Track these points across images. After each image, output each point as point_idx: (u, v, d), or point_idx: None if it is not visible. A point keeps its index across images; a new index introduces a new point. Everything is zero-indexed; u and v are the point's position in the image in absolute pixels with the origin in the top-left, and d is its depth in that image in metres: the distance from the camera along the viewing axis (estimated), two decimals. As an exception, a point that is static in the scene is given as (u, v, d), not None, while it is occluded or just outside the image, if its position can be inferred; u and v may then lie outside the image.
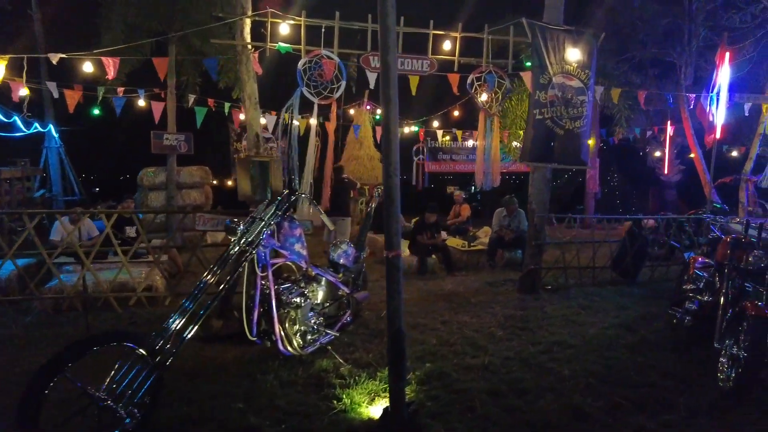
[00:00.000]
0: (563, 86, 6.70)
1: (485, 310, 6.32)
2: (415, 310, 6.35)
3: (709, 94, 8.18)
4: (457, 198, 11.44)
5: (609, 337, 5.36)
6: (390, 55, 3.14)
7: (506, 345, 5.10)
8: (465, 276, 8.64)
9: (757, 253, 4.71)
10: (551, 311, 6.29)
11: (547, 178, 7.11)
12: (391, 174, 3.20)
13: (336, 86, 6.24)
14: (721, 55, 8.03)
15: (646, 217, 8.74)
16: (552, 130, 6.71)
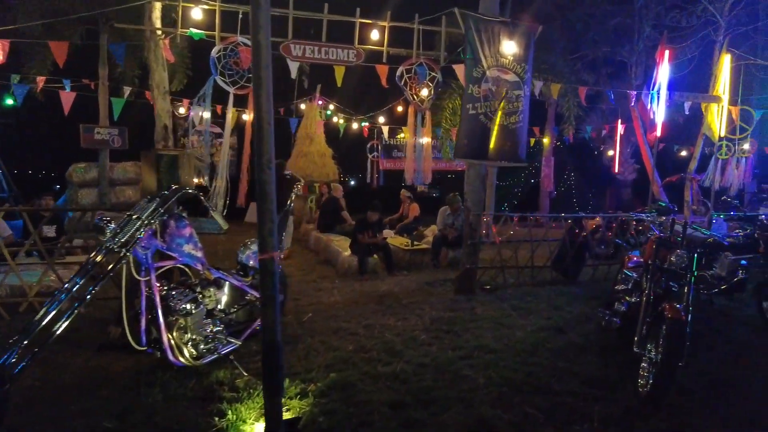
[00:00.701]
0: (498, 80, 6.47)
1: (414, 312, 6.04)
2: (341, 313, 6.04)
3: (650, 91, 8.11)
4: (403, 197, 11.17)
5: (535, 340, 5.13)
6: (261, 33, 2.81)
7: (425, 350, 4.82)
8: (406, 276, 8.37)
9: (679, 252, 4.55)
10: (482, 313, 6.05)
11: (482, 175, 6.89)
12: (264, 167, 2.87)
13: (254, 75, 5.85)
14: (661, 53, 7.96)
15: (587, 215, 8.62)
16: (486, 125, 6.48)
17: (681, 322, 3.94)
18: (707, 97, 8.67)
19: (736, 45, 10.45)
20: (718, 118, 8.62)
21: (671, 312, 4.00)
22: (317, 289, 7.34)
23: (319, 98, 13.92)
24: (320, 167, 13.19)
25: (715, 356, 4.93)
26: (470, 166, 6.85)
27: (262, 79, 2.80)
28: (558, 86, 8.84)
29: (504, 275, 7.55)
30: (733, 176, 10.19)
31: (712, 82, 8.71)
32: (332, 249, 9.33)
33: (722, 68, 8.70)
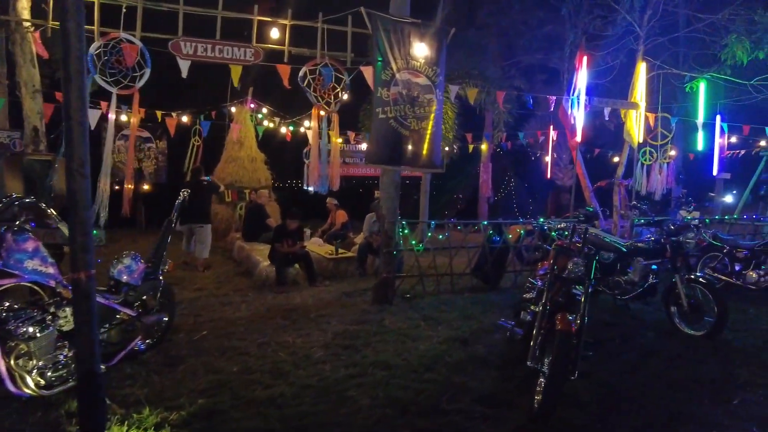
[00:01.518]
0: (409, 83, 6.27)
1: (319, 327, 5.73)
2: (240, 330, 5.66)
3: (569, 97, 8.12)
4: (330, 205, 10.84)
5: (437, 353, 4.91)
6: (71, 22, 2.44)
7: (316, 370, 4.51)
8: (326, 286, 8.05)
9: (576, 260, 4.42)
10: (390, 325, 5.80)
11: (396, 182, 6.65)
12: (76, 173, 2.48)
13: (139, 74, 5.43)
14: (580, 59, 7.99)
15: (507, 222, 8.55)
16: (397, 130, 6.26)
17: (569, 334, 3.79)
18: (625, 103, 8.78)
19: (657, 55, 10.69)
20: (636, 124, 8.75)
21: (561, 323, 3.84)
22: (225, 303, 6.91)
23: (251, 101, 13.46)
24: (251, 173, 12.73)
25: (618, 365, 4.83)
26: (384, 172, 6.62)
27: (71, 72, 2.44)
28: (475, 91, 8.76)
29: (423, 283, 7.34)
30: (657, 181, 10.40)
31: (631, 89, 8.85)
32: (253, 259, 8.92)
33: (639, 76, 8.84)
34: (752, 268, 7.55)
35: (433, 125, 6.43)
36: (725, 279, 7.80)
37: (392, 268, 6.82)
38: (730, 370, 4.78)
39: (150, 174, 15.25)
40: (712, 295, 5.64)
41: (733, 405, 4.08)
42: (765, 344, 5.50)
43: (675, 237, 6.02)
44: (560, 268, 4.47)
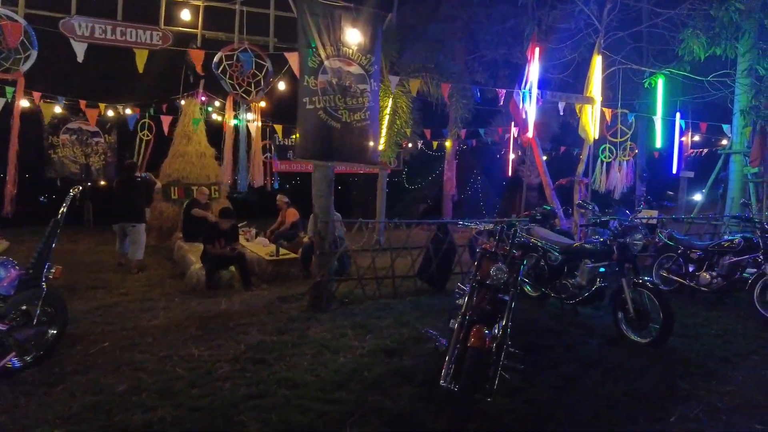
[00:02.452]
0: (339, 72, 5.80)
1: (235, 337, 5.23)
2: (147, 341, 5.12)
3: (521, 90, 7.74)
4: (280, 203, 10.28)
5: (356, 368, 4.46)
6: None
7: (214, 388, 4.02)
8: (262, 290, 7.53)
9: (499, 266, 4.01)
10: (314, 334, 5.33)
11: (329, 178, 6.18)
12: None
13: (24, 56, 4.85)
14: (531, 51, 7.61)
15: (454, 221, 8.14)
16: (326, 122, 5.78)
17: (482, 351, 3.38)
18: (580, 97, 8.45)
19: (619, 49, 10.41)
20: (592, 119, 8.43)
21: (474, 338, 3.43)
22: (145, 309, 6.36)
23: (202, 93, 12.82)
24: (199, 168, 12.09)
25: (553, 378, 4.44)
26: (316, 167, 6.15)
27: None
28: (417, 82, 8.33)
29: (362, 287, 6.89)
30: (617, 179, 10.13)
31: (586, 83, 8.52)
32: (187, 260, 8.35)
33: (594, 69, 8.51)
34: (705, 270, 7.28)
35: (369, 117, 5.96)
36: (679, 280, 7.53)
37: (326, 272, 6.35)
38: (671, 382, 4.44)
39: (98, 170, 14.51)
40: (658, 301, 5.30)
41: (670, 422, 3.73)
42: (710, 351, 5.19)
43: (622, 238, 5.66)
44: (484, 275, 4.06)
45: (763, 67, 8.28)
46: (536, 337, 5.51)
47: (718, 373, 4.69)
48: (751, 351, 5.26)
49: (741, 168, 9.74)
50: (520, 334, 5.59)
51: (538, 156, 12.48)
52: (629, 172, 9.99)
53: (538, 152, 12.53)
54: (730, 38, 8.69)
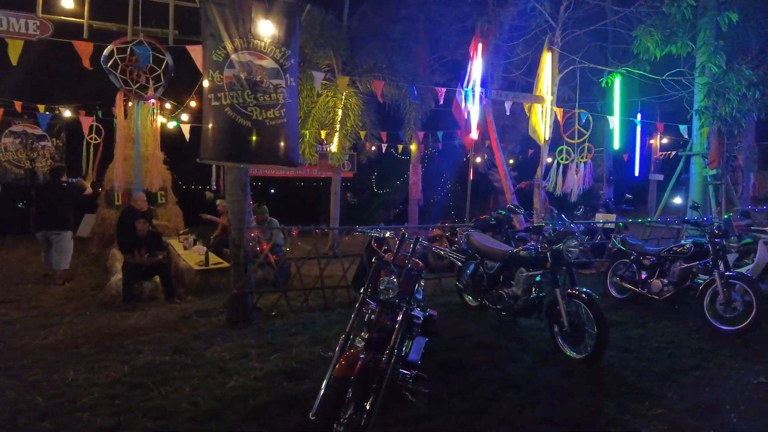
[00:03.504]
0: (249, 66, 5.32)
1: (125, 357, 4.72)
2: (25, 363, 4.65)
3: (463, 89, 7.31)
4: (221, 208, 9.68)
5: (243, 394, 3.96)
6: None
7: (68, 420, 3.52)
8: (186, 303, 7.01)
9: (389, 279, 3.56)
10: (213, 354, 4.83)
11: (243, 181, 5.69)
12: None
13: None
14: (474, 47, 7.20)
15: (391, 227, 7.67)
16: (235, 120, 5.28)
17: (344, 381, 2.91)
18: (529, 96, 8.06)
19: (577, 49, 10.07)
20: (542, 120, 8.04)
21: (341, 365, 2.96)
22: (47, 325, 5.82)
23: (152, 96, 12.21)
24: (145, 173, 11.49)
25: (465, 404, 3.98)
26: (228, 170, 5.66)
27: None
28: (345, 79, 7.88)
29: (287, 299, 6.39)
30: (573, 181, 9.76)
31: (536, 81, 8.14)
32: (113, 271, 7.80)
33: (544, 66, 8.12)
34: (657, 276, 6.89)
35: (284, 115, 5.48)
36: (631, 288, 7.14)
37: (243, 283, 5.84)
38: (597, 405, 4.01)
39: (45, 175, 13.84)
40: (592, 313, 4.87)
41: (582, 456, 3.29)
42: (649, 368, 4.78)
43: (555, 245, 5.23)
44: (374, 290, 3.60)
45: (715, 64, 7.95)
46: (463, 353, 5.05)
47: (652, 392, 4.28)
48: (693, 366, 4.87)
49: (701, 170, 9.41)
50: (447, 349, 5.15)
51: (499, 159, 12.14)
52: (587, 174, 9.63)
53: (498, 155, 12.18)
54: (684, 36, 8.35)
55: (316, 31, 9.69)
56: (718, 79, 8.03)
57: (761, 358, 5.12)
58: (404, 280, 3.66)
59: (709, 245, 6.26)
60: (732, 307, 5.87)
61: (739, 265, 7.43)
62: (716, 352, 5.25)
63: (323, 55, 10.27)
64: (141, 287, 7.05)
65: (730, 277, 5.95)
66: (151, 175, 5.67)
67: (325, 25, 9.94)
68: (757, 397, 4.25)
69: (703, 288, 6.20)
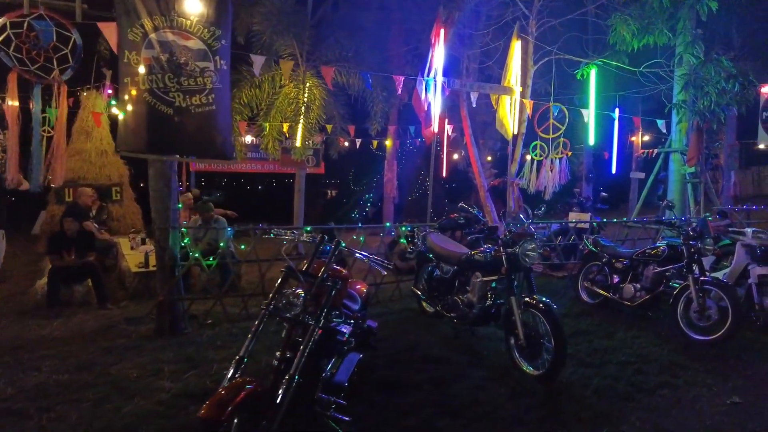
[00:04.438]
0: (171, 46, 4.73)
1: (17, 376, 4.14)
2: None
3: (424, 78, 6.77)
4: (186, 203, 9.05)
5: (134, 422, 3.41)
6: None
7: None
8: (119, 308, 6.41)
9: (293, 291, 3.02)
10: (120, 371, 4.26)
11: (167, 175, 5.10)
12: None
13: None
14: (436, 33, 6.65)
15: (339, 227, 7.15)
16: (155, 107, 4.70)
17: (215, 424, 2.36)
18: (496, 87, 7.54)
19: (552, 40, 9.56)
20: (510, 113, 7.53)
21: (214, 402, 2.41)
22: None
23: (109, 86, 11.57)
24: (99, 168, 10.85)
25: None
26: (150, 163, 5.07)
27: None
28: (290, 64, 7.32)
29: (223, 306, 5.83)
30: (548, 178, 9.28)
31: (504, 71, 7.63)
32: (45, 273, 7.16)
33: (513, 56, 7.60)
34: (630, 281, 6.41)
35: (214, 101, 4.90)
36: (603, 293, 6.66)
37: (170, 289, 5.27)
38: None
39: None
40: (550, 325, 4.35)
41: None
42: (612, 386, 4.29)
43: (511, 248, 4.71)
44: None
45: (693, 54, 7.49)
46: (406, 370, 4.53)
47: (611, 417, 3.79)
48: (660, 384, 4.38)
49: (679, 167, 8.97)
50: (390, 364, 4.63)
51: (473, 155, 11.62)
52: (562, 170, 9.15)
53: (472, 151, 11.67)
54: (663, 26, 7.87)
55: (274, 17, 9.10)
56: (696, 70, 7.57)
57: (736, 373, 4.67)
58: (317, 291, 3.12)
59: (684, 248, 5.80)
60: (706, 315, 5.42)
61: (717, 268, 6.99)
62: (688, 367, 4.78)
63: (285, 43, 9.68)
64: (71, 291, 6.45)
65: (705, 283, 5.49)
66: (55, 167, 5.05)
67: (284, 10, 9.35)
68: (728, 421, 3.78)
69: (676, 294, 5.74)
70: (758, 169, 17.71)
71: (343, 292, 3.44)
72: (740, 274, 6.31)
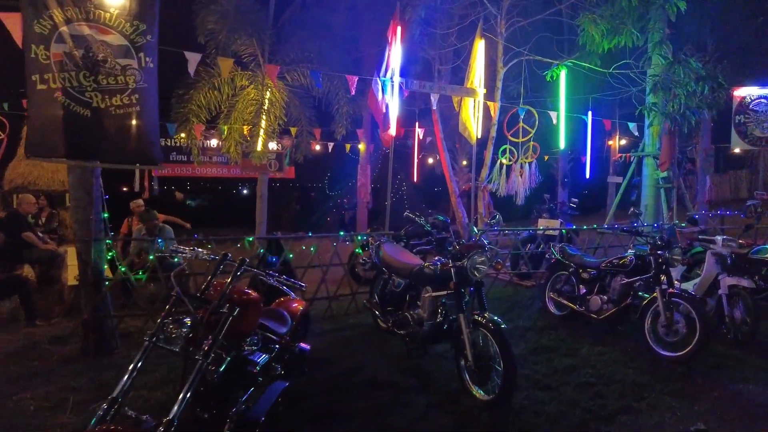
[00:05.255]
0: (87, 41, 4.30)
1: None
2: None
3: (380, 78, 6.39)
4: (135, 209, 8.53)
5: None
6: None
7: None
8: (49, 325, 5.94)
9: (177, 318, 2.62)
10: (17, 404, 3.81)
11: (89, 182, 4.65)
12: None
13: None
14: (393, 30, 6.28)
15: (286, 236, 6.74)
16: (69, 108, 4.26)
17: None
18: (458, 89, 7.19)
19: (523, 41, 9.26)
20: (474, 115, 7.19)
21: None
22: None
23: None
24: (51, 173, 10.30)
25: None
26: (70, 169, 4.63)
27: None
28: (228, 61, 6.89)
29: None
30: (518, 183, 8.96)
31: (467, 72, 7.28)
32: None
33: (476, 56, 7.26)
34: (596, 292, 6.08)
35: (138, 102, 4.47)
36: (569, 305, 6.32)
37: (95, 306, 4.82)
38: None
39: None
40: (499, 346, 3.99)
41: None
42: (566, 413, 3.93)
43: (460, 261, 4.33)
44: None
45: (661, 55, 7.21)
46: (344, 397, 4.13)
47: (562, 451, 3.42)
48: (621, 409, 4.04)
49: (653, 172, 8.69)
50: (327, 390, 4.22)
51: (444, 159, 11.29)
52: (532, 175, 8.84)
53: (444, 155, 11.34)
54: (633, 26, 7.59)
55: (231, 16, 8.68)
56: (665, 71, 7.29)
57: (703, 394, 4.34)
58: (213, 318, 2.72)
59: (651, 258, 5.47)
60: (674, 329, 5.10)
61: (689, 276, 6.70)
62: (652, 388, 4.44)
63: (244, 43, 9.26)
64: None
65: (672, 295, 5.17)
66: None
67: (242, 9, 8.93)
68: (690, 454, 3.43)
69: (644, 307, 5.42)
70: (735, 172, 17.62)
71: (250, 317, 3.03)
72: (711, 284, 6.01)
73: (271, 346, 3.57)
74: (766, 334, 5.69)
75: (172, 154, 12.31)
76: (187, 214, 10.29)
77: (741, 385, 4.50)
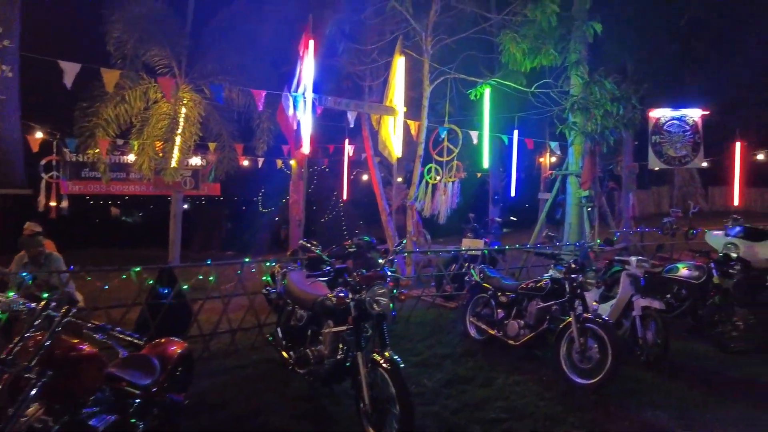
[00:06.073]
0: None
1: None
2: None
3: (291, 94, 6.04)
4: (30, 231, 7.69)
5: None
6: None
7: None
8: None
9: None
10: None
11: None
12: None
13: None
14: (305, 44, 5.96)
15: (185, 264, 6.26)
16: None
17: None
18: (377, 107, 6.98)
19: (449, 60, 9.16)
20: (394, 133, 6.97)
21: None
22: None
23: None
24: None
25: None
26: None
27: None
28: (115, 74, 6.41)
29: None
30: (441, 202, 8.81)
31: (386, 89, 7.08)
32: None
33: (396, 73, 7.07)
34: (514, 317, 5.90)
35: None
36: (488, 331, 6.10)
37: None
38: None
39: None
40: (395, 387, 3.66)
41: None
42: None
43: (358, 293, 3.98)
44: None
45: (578, 75, 7.27)
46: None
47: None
48: (527, 447, 3.78)
49: (576, 190, 8.74)
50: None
51: (375, 177, 11.05)
52: (454, 194, 8.72)
53: (375, 173, 11.10)
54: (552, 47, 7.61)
55: (140, 24, 8.12)
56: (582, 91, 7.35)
57: (615, 425, 4.19)
58: (19, 383, 2.25)
59: (566, 283, 5.35)
60: (587, 356, 4.96)
61: (609, 296, 6.66)
62: (564, 420, 4.25)
63: (157, 54, 8.70)
64: None
65: (586, 321, 5.04)
66: None
67: (151, 17, 8.38)
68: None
69: (559, 333, 5.26)
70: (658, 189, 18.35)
71: (84, 376, 2.57)
72: (626, 305, 5.98)
73: (129, 401, 3.09)
74: (677, 353, 5.67)
75: (84, 171, 11.43)
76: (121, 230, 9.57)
77: (650, 412, 4.39)
